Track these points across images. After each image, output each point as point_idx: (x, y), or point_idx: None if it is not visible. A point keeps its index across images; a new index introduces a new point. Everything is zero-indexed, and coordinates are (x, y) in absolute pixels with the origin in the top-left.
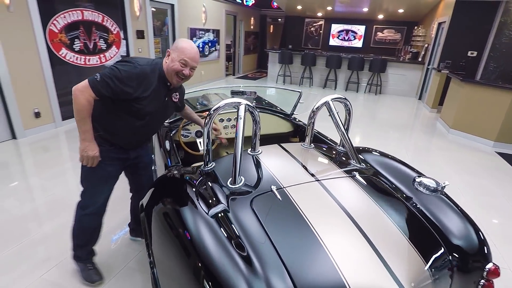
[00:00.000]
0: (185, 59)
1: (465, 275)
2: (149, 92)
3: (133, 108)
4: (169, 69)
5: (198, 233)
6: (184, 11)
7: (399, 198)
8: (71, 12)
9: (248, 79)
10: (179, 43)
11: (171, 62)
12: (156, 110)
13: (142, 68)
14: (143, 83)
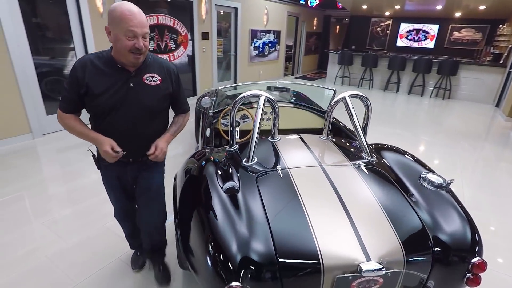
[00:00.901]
0: (130, 29)
1: (449, 267)
2: (98, 83)
3: (92, 106)
4: (119, 50)
5: (211, 204)
6: (246, 13)
7: (397, 189)
8: (149, 18)
9: (306, 79)
10: (114, 13)
11: (117, 41)
12: (120, 101)
13: (80, 60)
14: (85, 75)
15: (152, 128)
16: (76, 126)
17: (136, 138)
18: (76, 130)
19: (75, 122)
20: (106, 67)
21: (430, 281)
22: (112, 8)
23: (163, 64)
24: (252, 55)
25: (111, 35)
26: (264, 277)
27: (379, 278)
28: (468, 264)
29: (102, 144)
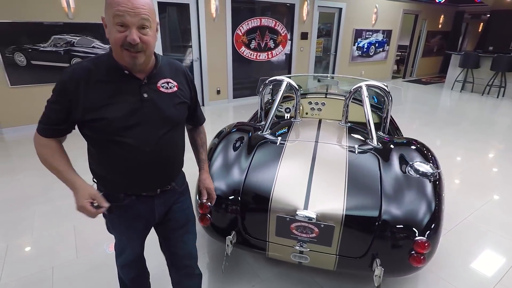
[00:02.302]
0: (118, 13)
1: (392, 242)
2: (101, 97)
3: (95, 130)
4: (112, 47)
5: (221, 150)
6: (352, 13)
7: (376, 171)
8: (253, 20)
9: (419, 84)
10: None
11: (108, 35)
12: (135, 118)
13: (72, 67)
14: (80, 87)
15: (177, 146)
16: (50, 157)
17: (162, 161)
18: (49, 163)
19: (52, 151)
20: (109, 75)
21: (374, 252)
22: None
23: (176, 66)
24: (354, 55)
25: (106, 28)
26: (228, 209)
27: (314, 227)
28: (412, 242)
29: (79, 194)
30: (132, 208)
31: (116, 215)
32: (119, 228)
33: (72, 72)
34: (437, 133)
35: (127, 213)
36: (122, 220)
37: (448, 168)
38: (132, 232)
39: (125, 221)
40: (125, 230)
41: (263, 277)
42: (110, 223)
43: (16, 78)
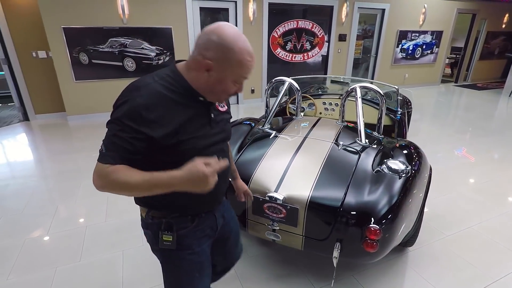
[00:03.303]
0: (245, 76)
1: (349, 227)
2: (183, 121)
3: (174, 155)
4: (213, 91)
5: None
6: (396, 14)
7: (351, 166)
8: (289, 22)
9: (473, 89)
10: (231, 52)
11: (218, 83)
12: (209, 138)
13: (149, 91)
14: (166, 111)
15: (228, 160)
16: (133, 176)
17: (224, 175)
18: (133, 181)
19: (129, 172)
20: (184, 99)
21: (335, 235)
22: (228, 43)
23: None
24: (398, 57)
25: (212, 73)
26: None
27: (282, 208)
28: (365, 228)
29: (198, 168)
30: (202, 231)
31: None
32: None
33: (147, 96)
34: (473, 141)
35: (195, 234)
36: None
37: (470, 176)
38: (203, 269)
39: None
40: (195, 271)
41: (251, 254)
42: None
43: (79, 74)
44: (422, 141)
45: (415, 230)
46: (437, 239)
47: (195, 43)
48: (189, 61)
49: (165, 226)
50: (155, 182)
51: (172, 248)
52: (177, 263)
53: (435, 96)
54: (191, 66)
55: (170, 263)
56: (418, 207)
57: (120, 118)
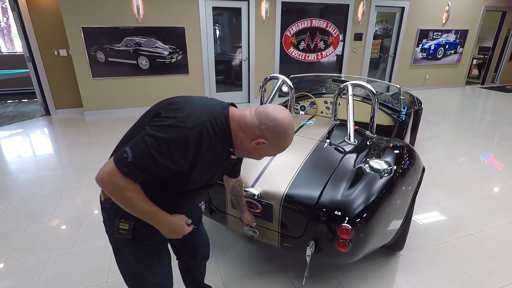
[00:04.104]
0: (278, 153)
1: (322, 226)
2: (208, 165)
3: (182, 185)
4: (247, 153)
5: None
6: (417, 12)
7: (333, 165)
8: (303, 21)
9: (501, 91)
10: (281, 135)
11: (259, 154)
12: (213, 178)
13: (198, 131)
14: (203, 152)
15: None
16: (141, 202)
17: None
18: (140, 207)
19: (141, 197)
20: (220, 148)
21: (310, 233)
22: (285, 136)
23: None
24: (418, 57)
25: (258, 147)
26: None
27: (258, 204)
28: (337, 227)
29: (178, 224)
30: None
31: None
32: (148, 262)
33: (198, 132)
34: (489, 145)
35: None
36: (152, 250)
37: (483, 181)
38: (164, 264)
39: (155, 252)
40: (154, 264)
41: (236, 249)
42: (139, 254)
43: (96, 72)
44: (438, 144)
45: (402, 233)
46: (432, 245)
47: (260, 112)
48: (245, 123)
49: (123, 214)
50: (153, 216)
51: (127, 238)
52: (133, 252)
53: (457, 98)
54: (245, 129)
55: (127, 251)
56: (404, 208)
57: (166, 140)
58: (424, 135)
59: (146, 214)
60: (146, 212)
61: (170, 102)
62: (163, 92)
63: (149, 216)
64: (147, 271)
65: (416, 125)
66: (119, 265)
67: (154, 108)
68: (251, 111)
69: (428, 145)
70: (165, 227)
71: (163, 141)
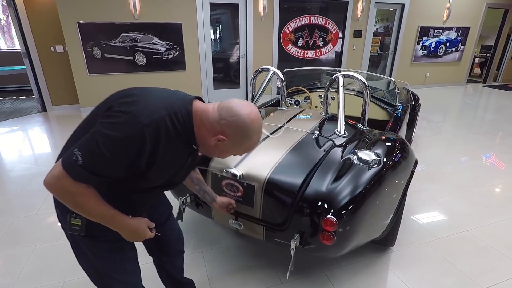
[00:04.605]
0: (246, 152)
1: (306, 218)
2: (169, 164)
3: (139, 184)
4: (211, 151)
5: None
6: (417, 9)
7: (319, 155)
8: (301, 18)
9: (503, 90)
10: (244, 131)
11: (222, 151)
12: (175, 176)
13: (155, 126)
14: (163, 146)
15: None
16: (95, 207)
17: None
18: (95, 212)
19: (95, 201)
20: (182, 145)
21: (295, 225)
22: (248, 134)
23: None
24: (418, 55)
25: (220, 144)
26: None
27: (239, 186)
28: (321, 219)
29: (140, 228)
30: None
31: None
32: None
33: (155, 128)
34: (490, 143)
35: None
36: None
37: (481, 178)
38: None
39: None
40: (118, 262)
41: (223, 244)
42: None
43: (93, 68)
44: (436, 141)
45: (393, 228)
46: (426, 241)
47: (222, 107)
48: (207, 117)
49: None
50: (109, 220)
51: (81, 234)
52: (91, 249)
53: (458, 96)
54: (206, 124)
55: (84, 248)
56: (394, 202)
57: (119, 138)
58: (423, 132)
59: (102, 219)
60: (102, 217)
61: (124, 94)
62: None
63: (105, 220)
64: (109, 268)
65: (413, 121)
66: (80, 262)
67: (107, 100)
68: (214, 105)
69: (426, 142)
70: (124, 231)
71: (115, 140)
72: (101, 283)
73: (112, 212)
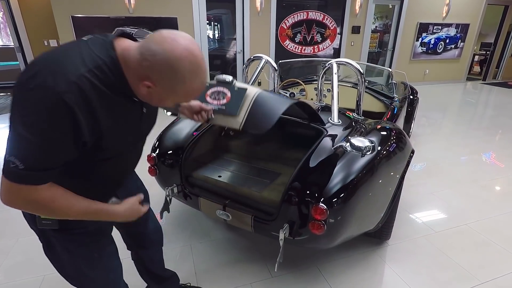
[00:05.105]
0: (188, 100)
1: (296, 206)
2: (109, 121)
3: (99, 156)
4: (149, 99)
5: None
6: (416, 5)
7: (312, 140)
8: (299, 13)
9: (503, 87)
10: (180, 84)
11: (159, 100)
12: (134, 138)
13: (79, 85)
14: (97, 109)
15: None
16: (73, 206)
17: (137, 160)
18: (73, 213)
19: (69, 199)
20: (123, 99)
21: (284, 216)
22: (169, 64)
23: None
24: (417, 51)
25: (151, 91)
26: (172, 164)
27: (227, 92)
28: (311, 207)
29: (127, 207)
30: None
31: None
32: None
33: (79, 96)
34: (489, 138)
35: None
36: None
37: (480, 172)
38: (109, 256)
39: (97, 245)
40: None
41: (213, 238)
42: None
43: None
44: (435, 136)
45: (388, 220)
46: (423, 235)
47: (143, 44)
48: (129, 58)
49: None
50: (97, 214)
51: (54, 228)
52: (66, 244)
53: (458, 93)
54: (131, 69)
55: (59, 246)
56: (389, 192)
57: (42, 122)
58: (422, 128)
59: (87, 215)
60: (86, 214)
61: (26, 68)
62: None
63: (92, 216)
64: (87, 266)
65: (411, 115)
66: (55, 264)
67: (14, 85)
68: (138, 43)
69: (424, 137)
70: (118, 217)
71: (39, 124)
72: (80, 283)
73: (95, 206)
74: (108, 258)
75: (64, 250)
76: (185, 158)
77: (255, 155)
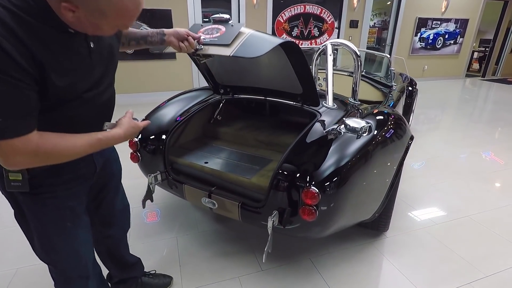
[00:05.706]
0: (126, 24)
1: (285, 191)
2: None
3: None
4: (82, 28)
5: None
6: (415, 0)
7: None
8: (296, 7)
9: (502, 83)
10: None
11: (91, 26)
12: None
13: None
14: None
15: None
16: (70, 139)
17: (111, 105)
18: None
19: (61, 136)
20: (46, 26)
21: (272, 203)
22: None
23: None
24: (416, 47)
25: (78, 15)
26: (155, 149)
27: (222, 27)
28: (301, 191)
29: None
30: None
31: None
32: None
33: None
34: (489, 131)
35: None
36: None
37: (480, 164)
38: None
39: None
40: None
41: (201, 229)
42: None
43: None
44: (434, 129)
45: (386, 210)
46: (423, 226)
47: None
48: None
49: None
50: (100, 144)
51: (24, 191)
52: (37, 209)
53: (457, 89)
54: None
55: (28, 210)
56: (387, 179)
57: None
58: (421, 122)
59: (93, 147)
60: (91, 146)
61: None
62: (149, 77)
63: (98, 146)
64: (59, 236)
65: (410, 107)
66: (26, 233)
67: None
68: None
69: (424, 130)
70: (119, 139)
71: None
72: (49, 259)
73: (95, 136)
74: (83, 230)
75: (34, 217)
76: (169, 144)
77: (246, 142)
